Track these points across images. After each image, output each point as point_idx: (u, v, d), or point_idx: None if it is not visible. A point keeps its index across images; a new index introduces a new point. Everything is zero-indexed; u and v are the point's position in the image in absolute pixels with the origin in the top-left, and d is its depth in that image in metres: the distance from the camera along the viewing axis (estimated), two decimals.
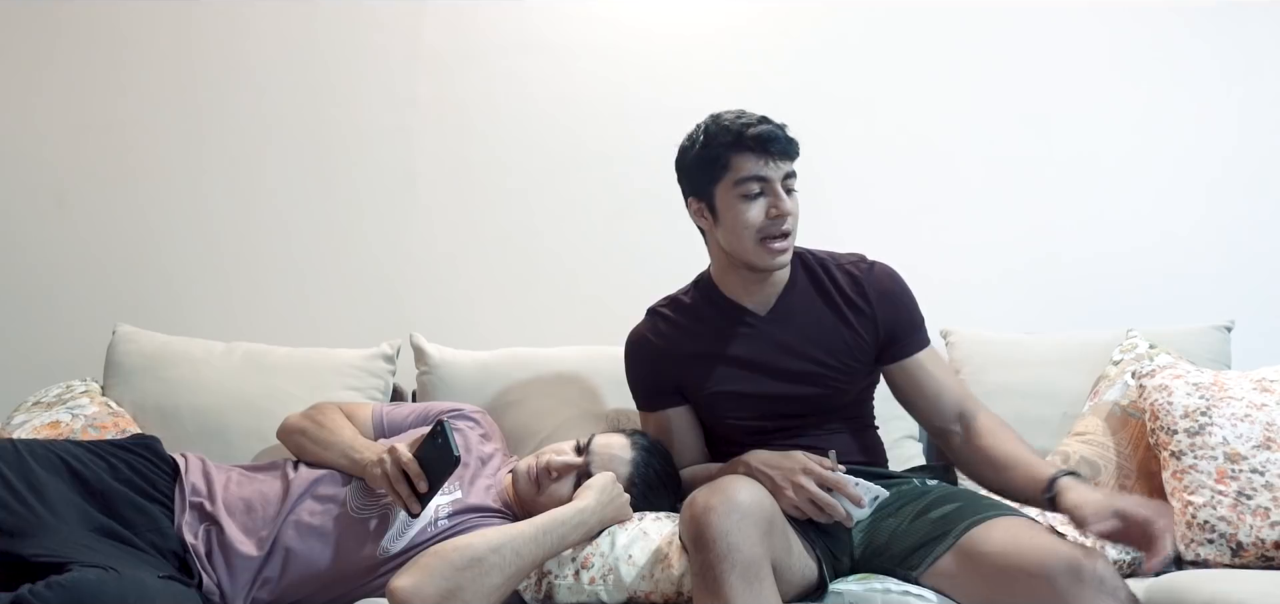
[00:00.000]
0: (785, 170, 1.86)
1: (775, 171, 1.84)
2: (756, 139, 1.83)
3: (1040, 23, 2.75)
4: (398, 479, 1.74)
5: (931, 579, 1.64)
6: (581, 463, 1.84)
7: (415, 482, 1.73)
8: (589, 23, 2.80)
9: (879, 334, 1.93)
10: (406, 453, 1.75)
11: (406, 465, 1.74)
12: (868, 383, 1.99)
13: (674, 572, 1.69)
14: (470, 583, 1.58)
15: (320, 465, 1.90)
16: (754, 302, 1.95)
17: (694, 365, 1.95)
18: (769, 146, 1.83)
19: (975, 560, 1.59)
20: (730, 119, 1.87)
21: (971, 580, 1.59)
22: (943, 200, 2.74)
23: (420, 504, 1.74)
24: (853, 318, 1.92)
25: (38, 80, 2.82)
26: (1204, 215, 2.69)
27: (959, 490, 1.80)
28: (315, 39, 2.82)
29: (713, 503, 1.50)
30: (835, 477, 1.68)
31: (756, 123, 1.85)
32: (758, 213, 1.84)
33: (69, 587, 1.41)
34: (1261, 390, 1.98)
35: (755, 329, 1.93)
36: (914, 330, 1.95)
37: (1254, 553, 1.83)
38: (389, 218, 2.79)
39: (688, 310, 2.00)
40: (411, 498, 1.73)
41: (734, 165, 1.85)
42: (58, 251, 2.79)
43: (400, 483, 1.73)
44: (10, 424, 2.19)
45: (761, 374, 1.91)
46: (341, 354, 2.44)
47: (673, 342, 1.98)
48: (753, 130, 1.83)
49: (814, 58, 2.78)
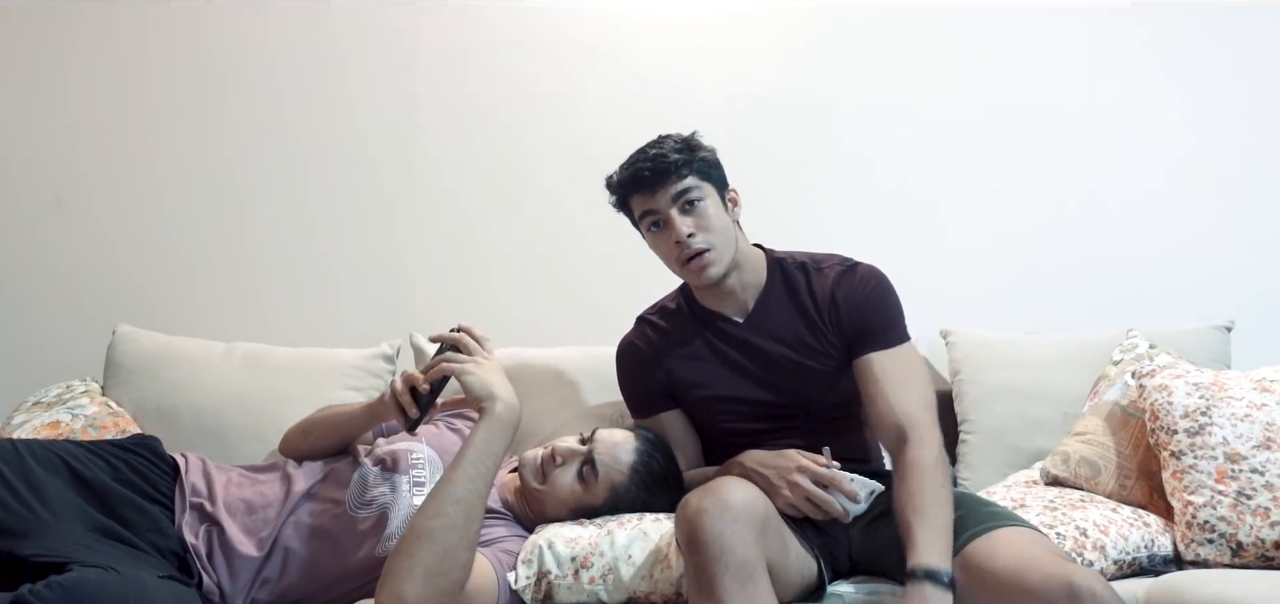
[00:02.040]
0: (671, 194, 1.86)
1: (661, 201, 1.87)
2: (631, 180, 1.89)
3: (1040, 22, 2.74)
4: (402, 392, 1.76)
5: None
6: (585, 451, 1.85)
7: (418, 387, 1.75)
8: (589, 23, 2.80)
9: (845, 333, 1.90)
10: (417, 372, 1.79)
11: (413, 379, 1.76)
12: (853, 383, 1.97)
13: (673, 572, 1.69)
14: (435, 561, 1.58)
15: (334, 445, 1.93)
16: (730, 309, 1.97)
17: (681, 371, 1.97)
18: (642, 183, 1.88)
19: (976, 574, 1.57)
20: (621, 165, 1.93)
21: (970, 593, 1.58)
22: (943, 200, 2.74)
23: (412, 424, 1.77)
24: (820, 321, 1.92)
25: (38, 80, 2.83)
26: (1204, 215, 2.69)
27: (959, 495, 1.79)
28: (315, 39, 2.82)
29: (705, 505, 1.50)
30: (830, 473, 1.67)
31: (632, 162, 1.90)
32: (666, 244, 1.89)
33: (69, 586, 1.41)
34: (1261, 390, 1.98)
35: (734, 336, 1.95)
36: (876, 332, 1.87)
37: (1254, 553, 1.83)
38: (389, 218, 2.79)
39: (674, 317, 2.02)
40: (411, 405, 1.75)
41: (634, 206, 1.92)
42: (58, 251, 2.79)
43: (403, 395, 1.76)
44: (10, 424, 2.19)
45: (745, 379, 1.93)
46: (341, 354, 2.44)
47: (660, 349, 2.00)
48: (627, 173, 1.90)
49: (813, 57, 2.78)
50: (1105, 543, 1.83)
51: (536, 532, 1.80)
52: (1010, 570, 1.52)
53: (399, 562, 1.58)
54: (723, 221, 1.90)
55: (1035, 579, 1.47)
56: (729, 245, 1.90)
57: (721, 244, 1.88)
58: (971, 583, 1.58)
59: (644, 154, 1.90)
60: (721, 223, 1.89)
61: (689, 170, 1.87)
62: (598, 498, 1.85)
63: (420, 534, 1.60)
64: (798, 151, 2.72)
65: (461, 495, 1.64)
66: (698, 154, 1.90)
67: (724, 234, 1.89)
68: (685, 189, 1.87)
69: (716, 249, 1.88)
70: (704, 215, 1.87)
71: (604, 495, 1.85)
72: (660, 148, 1.89)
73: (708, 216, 1.87)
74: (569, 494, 1.85)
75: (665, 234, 1.89)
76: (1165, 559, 1.89)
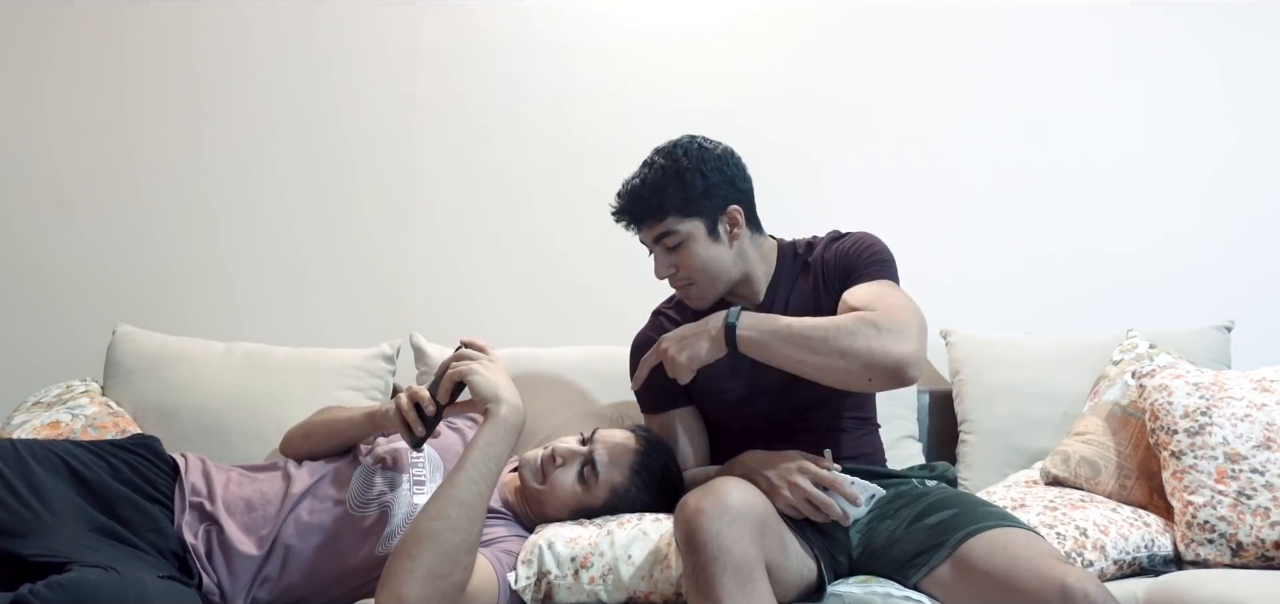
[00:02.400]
0: (652, 234, 1.90)
1: (645, 236, 1.93)
2: (615, 216, 1.94)
3: (1040, 23, 2.75)
4: (408, 409, 1.76)
5: (928, 587, 1.64)
6: (586, 452, 1.85)
7: (424, 406, 1.75)
8: (589, 23, 2.80)
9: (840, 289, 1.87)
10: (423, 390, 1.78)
11: (419, 397, 1.76)
12: None
13: (673, 572, 1.69)
14: (437, 562, 1.57)
15: (334, 449, 1.92)
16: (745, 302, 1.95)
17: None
18: (623, 220, 1.93)
19: (970, 573, 1.58)
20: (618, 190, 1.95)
21: (966, 593, 1.59)
22: (943, 200, 2.74)
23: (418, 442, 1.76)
24: (827, 287, 1.91)
25: (38, 80, 2.83)
26: (1204, 215, 2.69)
27: (957, 495, 1.80)
28: (315, 39, 2.82)
29: (703, 505, 1.50)
30: (831, 475, 1.67)
31: (617, 195, 1.93)
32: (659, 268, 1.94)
33: (69, 586, 1.41)
34: (1261, 390, 1.98)
35: None
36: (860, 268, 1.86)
37: (1254, 553, 1.83)
38: (389, 217, 2.79)
39: (690, 313, 2.00)
40: (417, 423, 1.75)
41: None
42: (58, 251, 2.79)
43: (409, 412, 1.76)
44: (10, 424, 2.19)
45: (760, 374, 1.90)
46: (341, 354, 2.44)
47: None
48: (613, 205, 1.94)
49: (813, 58, 2.78)
50: (1105, 543, 1.83)
51: (536, 532, 1.80)
52: (1004, 571, 1.53)
53: (400, 563, 1.58)
54: (709, 255, 1.89)
55: (1029, 580, 1.48)
56: (717, 278, 1.91)
57: (704, 280, 1.91)
58: (965, 582, 1.58)
59: (626, 187, 1.93)
60: (707, 256, 1.89)
61: (665, 213, 1.87)
62: (598, 498, 1.85)
63: (422, 535, 1.59)
64: (798, 151, 2.72)
65: (464, 497, 1.64)
66: (679, 193, 1.87)
67: (708, 268, 1.90)
68: (662, 232, 1.89)
69: (698, 286, 1.91)
70: (686, 254, 1.89)
71: (604, 496, 1.85)
72: (636, 182, 1.91)
73: (690, 254, 1.89)
74: (570, 494, 1.85)
75: None
76: (1165, 559, 1.89)
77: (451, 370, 1.76)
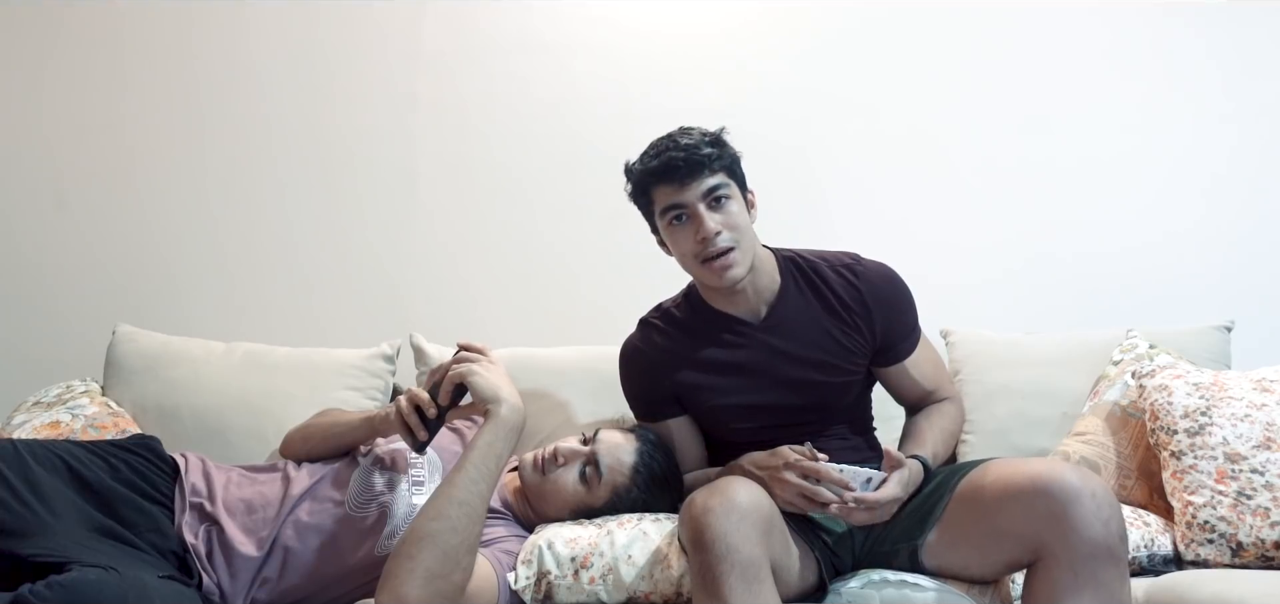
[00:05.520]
0: (703, 189, 1.80)
1: (691, 195, 1.80)
2: (662, 170, 1.82)
3: (1040, 23, 2.75)
4: (409, 412, 1.75)
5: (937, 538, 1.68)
6: (588, 451, 1.85)
7: (425, 409, 1.75)
8: (589, 23, 2.80)
9: (876, 340, 1.93)
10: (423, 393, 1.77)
11: (419, 400, 1.75)
12: (866, 385, 1.99)
13: (673, 572, 1.69)
14: (437, 563, 1.57)
15: (332, 453, 1.92)
16: (744, 311, 1.93)
17: (691, 378, 1.92)
18: (673, 174, 1.81)
19: (974, 496, 1.65)
20: (645, 153, 1.87)
21: (973, 515, 1.64)
22: (943, 201, 2.74)
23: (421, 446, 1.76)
24: (848, 321, 1.91)
25: (38, 80, 2.83)
26: (1204, 215, 2.69)
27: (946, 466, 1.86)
28: (315, 39, 2.82)
29: (712, 504, 1.50)
30: (815, 466, 1.66)
31: (661, 152, 1.83)
32: (687, 239, 1.83)
33: (69, 586, 1.41)
34: (1261, 390, 1.98)
35: (750, 338, 1.91)
36: (907, 336, 1.96)
37: (1254, 553, 1.83)
38: (389, 218, 2.79)
39: (680, 323, 1.98)
40: (419, 427, 1.75)
41: (656, 197, 1.85)
42: (58, 251, 2.79)
43: (411, 416, 1.75)
44: (10, 424, 2.19)
45: (761, 383, 1.90)
46: (341, 354, 2.44)
47: (668, 354, 1.95)
48: (656, 162, 1.82)
49: (814, 58, 2.78)
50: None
51: (536, 532, 1.80)
52: (1005, 478, 1.61)
53: (400, 563, 1.58)
54: (746, 222, 1.86)
55: (1028, 476, 1.57)
56: (751, 247, 1.87)
57: (745, 245, 1.84)
58: (972, 503, 1.65)
59: (674, 143, 1.82)
60: (745, 223, 1.85)
61: (720, 166, 1.83)
62: (599, 498, 1.85)
63: (422, 536, 1.59)
64: (798, 151, 2.72)
65: (464, 498, 1.64)
66: (727, 150, 1.85)
67: (747, 235, 1.85)
68: (716, 185, 1.81)
69: (741, 249, 1.83)
70: (731, 214, 1.83)
71: (605, 496, 1.85)
72: (691, 138, 1.82)
73: (734, 215, 1.83)
74: (571, 494, 1.85)
75: (688, 229, 1.82)
76: (1165, 559, 1.89)
77: (452, 372, 1.76)
